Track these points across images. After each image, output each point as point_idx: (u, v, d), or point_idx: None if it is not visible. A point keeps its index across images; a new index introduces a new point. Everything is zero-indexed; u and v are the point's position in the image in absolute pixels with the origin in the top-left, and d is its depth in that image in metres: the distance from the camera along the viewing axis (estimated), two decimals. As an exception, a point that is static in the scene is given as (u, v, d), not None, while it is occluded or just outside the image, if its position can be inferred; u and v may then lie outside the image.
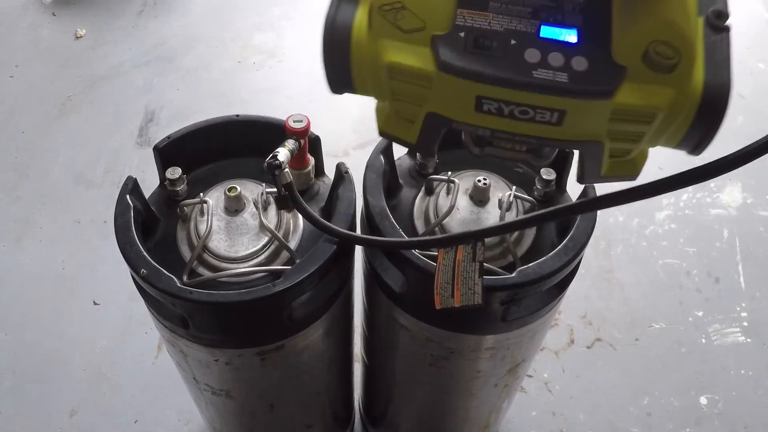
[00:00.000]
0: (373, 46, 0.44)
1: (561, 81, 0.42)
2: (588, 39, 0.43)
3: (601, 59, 0.42)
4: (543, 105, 0.43)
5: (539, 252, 0.69)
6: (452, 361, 0.76)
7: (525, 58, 0.42)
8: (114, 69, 1.93)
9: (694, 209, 1.62)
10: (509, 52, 0.43)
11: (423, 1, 0.43)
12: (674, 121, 0.44)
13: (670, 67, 0.42)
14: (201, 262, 0.68)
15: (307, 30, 2.10)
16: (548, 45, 0.43)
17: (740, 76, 2.00)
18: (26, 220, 1.56)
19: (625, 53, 0.42)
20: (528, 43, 0.43)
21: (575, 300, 1.43)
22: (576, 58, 0.42)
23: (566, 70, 0.42)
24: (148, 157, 0.75)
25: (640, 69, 0.42)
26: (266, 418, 0.88)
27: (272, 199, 0.70)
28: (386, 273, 0.71)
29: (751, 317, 1.43)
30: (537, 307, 0.70)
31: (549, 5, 0.44)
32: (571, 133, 0.45)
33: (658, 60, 0.42)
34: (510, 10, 0.44)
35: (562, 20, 0.44)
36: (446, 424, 0.99)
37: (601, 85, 0.42)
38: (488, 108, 0.44)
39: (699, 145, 0.46)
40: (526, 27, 0.43)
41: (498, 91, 0.43)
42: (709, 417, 1.28)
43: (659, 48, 0.42)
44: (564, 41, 0.43)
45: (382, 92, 0.47)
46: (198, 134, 0.75)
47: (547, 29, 0.43)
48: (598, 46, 0.43)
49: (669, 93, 0.43)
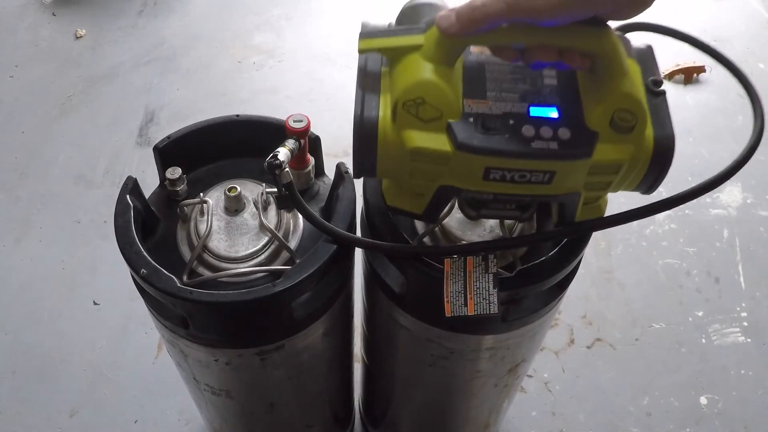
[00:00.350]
0: (397, 135, 0.53)
1: (553, 149, 0.52)
2: (566, 113, 0.54)
3: (579, 128, 0.53)
4: (539, 169, 0.53)
5: (539, 252, 0.69)
6: (452, 361, 0.76)
7: (523, 134, 0.52)
8: (114, 69, 1.93)
9: (694, 209, 1.62)
10: (510, 130, 0.52)
11: (439, 95, 0.52)
12: (634, 170, 0.55)
13: (630, 129, 0.53)
14: (201, 262, 0.68)
15: (307, 30, 2.11)
16: (538, 122, 0.53)
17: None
18: (26, 220, 1.56)
19: (596, 121, 0.53)
20: (522, 121, 0.53)
21: (575, 300, 1.43)
22: (561, 129, 0.52)
23: (555, 139, 0.52)
24: (148, 156, 0.75)
25: (609, 132, 0.53)
26: (266, 418, 0.88)
27: (272, 199, 0.70)
28: (386, 273, 0.71)
29: (751, 317, 1.43)
30: (537, 307, 0.70)
31: (531, 90, 0.55)
32: (558, 188, 0.55)
33: (621, 124, 0.53)
34: (503, 96, 0.54)
35: (544, 101, 0.54)
36: (446, 424, 0.99)
37: (582, 148, 0.52)
38: (494, 176, 0.53)
39: (652, 186, 0.58)
40: (518, 109, 0.54)
41: (505, 162, 0.52)
42: (709, 417, 1.28)
43: (622, 114, 0.53)
44: (549, 117, 0.53)
45: (400, 174, 0.56)
46: (198, 134, 0.75)
47: (534, 109, 0.54)
48: (574, 118, 0.53)
49: (630, 148, 0.54)
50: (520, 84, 0.56)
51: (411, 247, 0.66)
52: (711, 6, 2.28)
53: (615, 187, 0.58)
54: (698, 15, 2.23)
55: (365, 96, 0.54)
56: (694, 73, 1.96)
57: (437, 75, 0.51)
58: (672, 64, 1.97)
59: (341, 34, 2.08)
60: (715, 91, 1.94)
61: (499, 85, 0.55)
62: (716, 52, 0.64)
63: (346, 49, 2.01)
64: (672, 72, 1.96)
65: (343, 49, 2.02)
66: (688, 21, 2.19)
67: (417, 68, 0.52)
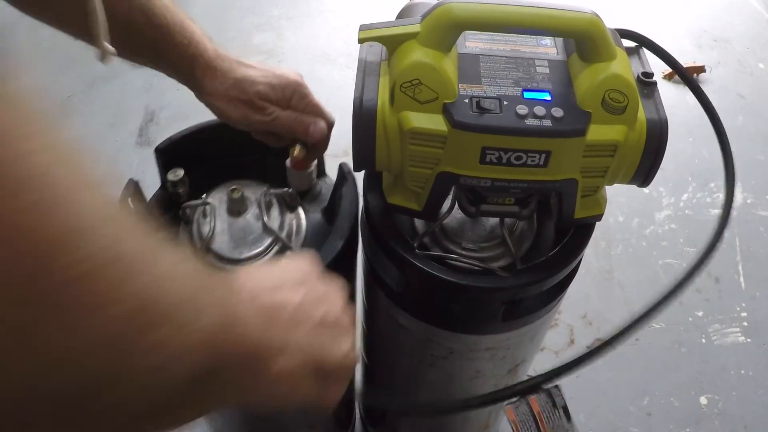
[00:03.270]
0: (395, 117, 0.55)
1: (546, 126, 0.53)
2: (558, 97, 0.56)
3: (572, 108, 0.55)
4: (534, 148, 0.54)
5: (539, 252, 0.69)
6: (452, 361, 0.76)
7: (517, 112, 0.54)
8: (114, 69, 1.93)
9: (694, 209, 1.62)
10: (504, 109, 0.54)
11: (434, 77, 0.54)
12: (629, 156, 0.57)
13: (621, 109, 0.55)
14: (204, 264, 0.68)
15: (306, 30, 2.11)
16: (532, 102, 0.55)
17: (740, 76, 2.01)
18: (26, 220, 1.56)
19: (588, 102, 0.55)
20: (517, 102, 0.55)
21: (575, 300, 1.43)
22: (554, 108, 0.54)
23: (548, 117, 0.54)
24: (148, 157, 0.75)
25: (601, 112, 0.55)
26: (270, 419, 0.88)
27: (275, 201, 0.70)
28: (386, 273, 0.71)
29: (751, 317, 1.43)
30: (537, 307, 0.70)
31: (525, 77, 0.57)
32: (554, 172, 0.56)
33: (612, 105, 0.55)
34: (497, 82, 0.57)
35: (537, 86, 0.57)
36: (446, 424, 0.99)
37: (576, 125, 0.54)
38: (490, 158, 0.55)
39: (648, 176, 0.59)
40: (513, 92, 0.56)
41: (500, 140, 0.54)
42: (709, 417, 1.28)
43: (613, 95, 0.54)
44: (543, 99, 0.55)
45: (400, 161, 0.57)
46: (199, 135, 0.75)
47: (528, 93, 0.56)
48: (567, 101, 0.55)
49: (623, 129, 0.55)
50: (514, 72, 0.58)
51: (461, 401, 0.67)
52: (711, 6, 2.28)
53: (612, 176, 0.59)
54: (698, 15, 2.23)
55: (365, 81, 0.56)
56: (694, 73, 1.96)
57: (433, 58, 0.54)
58: (672, 64, 1.97)
59: (341, 34, 2.08)
60: (715, 91, 1.94)
61: (493, 73, 0.57)
62: (690, 81, 0.72)
63: (346, 49, 2.01)
64: (672, 72, 1.96)
65: (343, 49, 2.02)
66: (688, 21, 2.20)
67: (414, 52, 0.54)
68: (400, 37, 0.55)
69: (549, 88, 0.57)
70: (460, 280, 0.63)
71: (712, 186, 1.67)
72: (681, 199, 1.64)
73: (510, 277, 0.64)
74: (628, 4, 2.26)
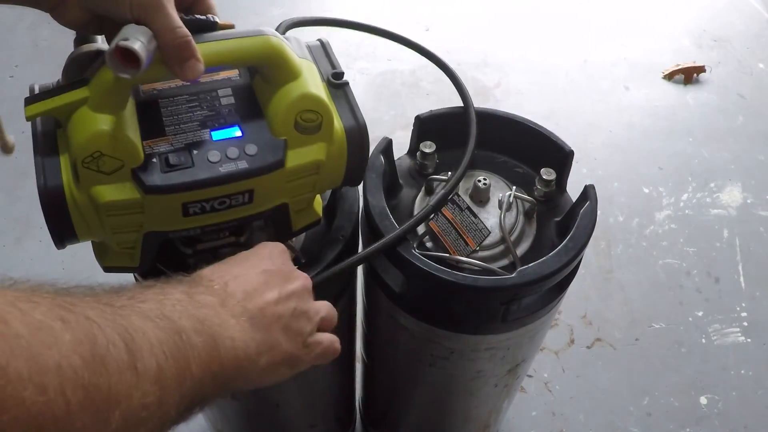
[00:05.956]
0: (85, 194, 0.50)
1: (243, 167, 0.52)
2: (249, 130, 0.54)
3: (265, 140, 0.53)
4: (235, 191, 0.52)
5: (539, 252, 0.69)
6: (452, 361, 0.76)
7: (209, 159, 0.51)
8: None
9: (694, 209, 1.62)
10: (196, 160, 0.51)
11: (115, 145, 0.49)
12: (334, 165, 0.57)
13: (317, 128, 0.54)
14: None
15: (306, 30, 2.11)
16: (223, 144, 0.52)
17: (740, 76, 2.01)
18: (26, 220, 1.56)
19: (281, 129, 0.53)
20: (207, 147, 0.52)
21: (575, 300, 1.43)
22: (247, 145, 0.52)
23: (243, 158, 0.52)
24: (149, 157, 0.74)
25: (296, 136, 0.54)
26: (272, 418, 0.88)
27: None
28: (386, 273, 0.71)
29: (751, 317, 1.43)
30: (537, 307, 0.70)
31: (210, 114, 0.54)
32: (262, 204, 0.55)
33: (306, 125, 0.53)
34: (183, 128, 0.53)
35: (224, 123, 0.54)
36: (446, 424, 0.99)
37: (272, 159, 0.53)
38: (193, 210, 0.53)
39: (357, 178, 0.61)
40: (200, 137, 0.53)
41: (198, 194, 0.52)
42: (709, 417, 1.28)
43: (305, 116, 0.53)
44: (233, 137, 0.53)
45: (102, 231, 0.54)
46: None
47: (216, 133, 0.53)
48: (259, 132, 0.53)
49: (322, 146, 0.55)
50: (198, 111, 0.54)
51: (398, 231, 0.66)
52: (711, 6, 2.28)
53: (320, 187, 0.59)
54: (698, 15, 2.23)
55: (44, 163, 0.51)
56: (694, 73, 1.96)
57: (108, 124, 0.48)
58: (672, 64, 1.97)
59: (341, 34, 2.08)
60: (715, 91, 1.94)
61: (176, 118, 0.54)
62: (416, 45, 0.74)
63: (345, 50, 2.01)
64: (672, 72, 1.96)
65: (342, 50, 2.02)
66: (687, 21, 2.19)
67: (87, 122, 0.48)
68: (70, 106, 0.49)
69: (238, 121, 0.54)
70: (460, 280, 0.63)
71: (712, 186, 1.67)
72: (681, 199, 1.64)
73: (510, 277, 0.64)
74: (628, 4, 2.26)
